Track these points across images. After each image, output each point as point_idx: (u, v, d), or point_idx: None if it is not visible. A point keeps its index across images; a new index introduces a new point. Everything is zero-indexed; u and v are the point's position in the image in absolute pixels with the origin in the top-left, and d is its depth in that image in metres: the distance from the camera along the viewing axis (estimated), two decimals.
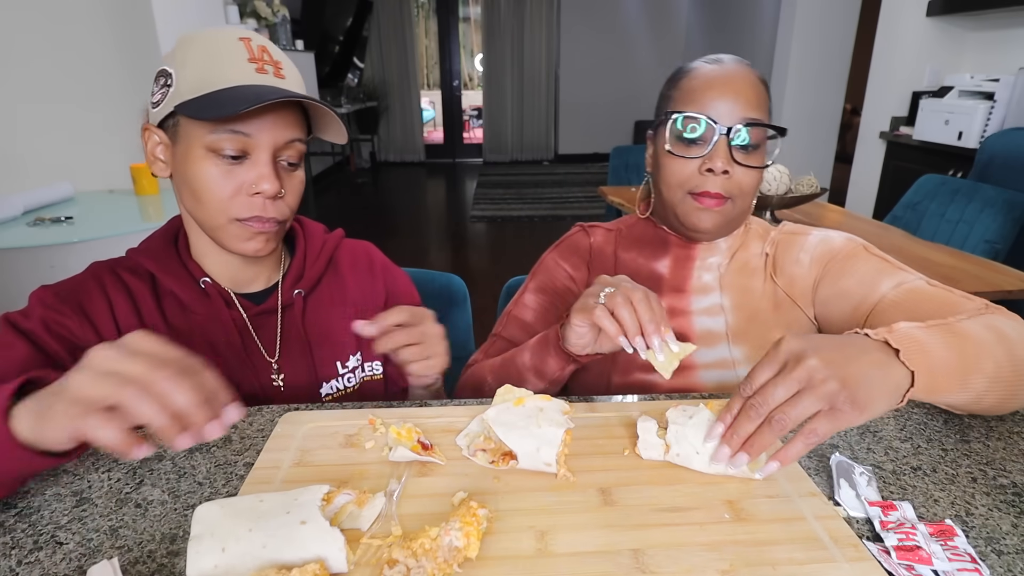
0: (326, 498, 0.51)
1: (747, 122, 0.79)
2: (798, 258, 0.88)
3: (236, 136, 0.68)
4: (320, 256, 0.87)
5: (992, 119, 2.82)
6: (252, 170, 0.70)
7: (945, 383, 0.58)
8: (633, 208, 1.10)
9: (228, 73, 0.68)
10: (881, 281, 0.79)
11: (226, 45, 0.69)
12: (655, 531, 0.52)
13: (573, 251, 0.98)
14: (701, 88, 0.81)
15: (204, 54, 0.69)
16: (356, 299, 0.90)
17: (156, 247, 0.79)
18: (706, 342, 0.87)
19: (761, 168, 0.82)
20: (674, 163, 0.82)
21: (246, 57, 0.69)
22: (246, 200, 0.71)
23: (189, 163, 0.70)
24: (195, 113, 0.67)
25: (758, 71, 0.84)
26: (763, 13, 5.52)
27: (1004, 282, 1.54)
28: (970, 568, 0.47)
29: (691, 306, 0.89)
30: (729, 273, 0.89)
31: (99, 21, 2.27)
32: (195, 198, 0.72)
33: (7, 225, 1.81)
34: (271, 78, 0.70)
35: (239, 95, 0.66)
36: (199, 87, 0.68)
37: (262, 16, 3.92)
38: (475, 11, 8.09)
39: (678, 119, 0.81)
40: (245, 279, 0.82)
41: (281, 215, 0.74)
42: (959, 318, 0.65)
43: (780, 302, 0.88)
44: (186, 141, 0.70)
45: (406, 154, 8.08)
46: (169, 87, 0.70)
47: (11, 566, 0.49)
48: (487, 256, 4.46)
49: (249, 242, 0.74)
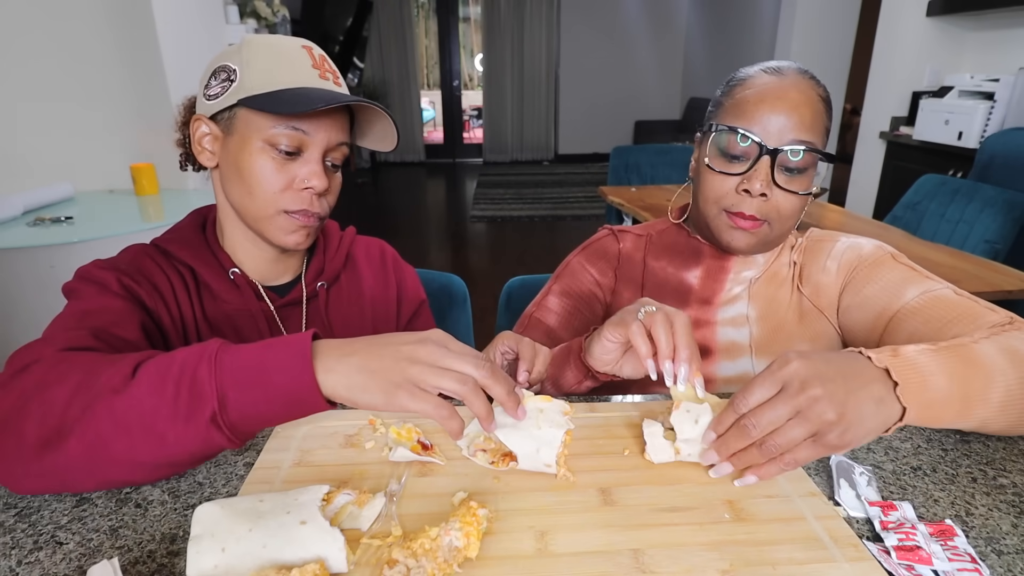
0: (326, 498, 0.51)
1: (795, 143, 0.74)
2: (825, 266, 0.85)
3: (295, 133, 0.72)
4: (339, 251, 0.91)
5: (992, 119, 2.82)
6: (304, 166, 0.74)
7: (941, 414, 0.56)
8: (633, 208, 1.09)
9: (294, 75, 0.73)
10: (906, 289, 0.76)
11: (292, 50, 0.74)
12: (655, 531, 0.52)
13: (601, 255, 0.96)
14: (753, 100, 0.76)
15: (271, 55, 0.73)
16: (371, 293, 0.93)
17: (186, 235, 0.81)
18: (729, 355, 0.85)
19: (804, 195, 0.77)
20: (713, 178, 0.79)
21: (310, 63, 0.74)
22: (296, 194, 0.75)
23: (245, 155, 0.73)
24: (265, 107, 0.70)
25: (822, 86, 0.78)
26: (763, 13, 5.52)
27: (1004, 282, 1.54)
28: (970, 568, 0.47)
29: (716, 316, 0.87)
30: (758, 283, 0.87)
31: (99, 20, 2.27)
32: (247, 188, 0.74)
33: (7, 225, 1.81)
34: (331, 84, 0.76)
35: (307, 95, 0.71)
36: (266, 84, 0.72)
37: (262, 16, 3.91)
38: (475, 11, 8.09)
39: (722, 132, 0.77)
40: (273, 272, 0.85)
41: (324, 211, 0.78)
42: (976, 338, 0.62)
43: (806, 312, 0.85)
44: (242, 133, 0.73)
45: (406, 154, 8.08)
46: (232, 82, 0.73)
47: (11, 566, 0.49)
48: (487, 256, 4.46)
49: (292, 234, 0.77)
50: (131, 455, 0.52)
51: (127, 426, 0.51)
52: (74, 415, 0.52)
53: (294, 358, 0.52)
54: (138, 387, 0.51)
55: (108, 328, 0.66)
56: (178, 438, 0.52)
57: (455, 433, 0.54)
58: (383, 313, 0.94)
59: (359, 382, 0.52)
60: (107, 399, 0.51)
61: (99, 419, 0.51)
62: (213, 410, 0.51)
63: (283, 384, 0.52)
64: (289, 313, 0.85)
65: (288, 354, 0.52)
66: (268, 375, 0.52)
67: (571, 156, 8.07)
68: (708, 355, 0.87)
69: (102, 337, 0.64)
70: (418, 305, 0.99)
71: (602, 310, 0.95)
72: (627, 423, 0.68)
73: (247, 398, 0.52)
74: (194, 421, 0.51)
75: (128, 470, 0.54)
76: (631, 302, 0.92)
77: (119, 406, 0.51)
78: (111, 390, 0.52)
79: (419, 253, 4.42)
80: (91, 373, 0.53)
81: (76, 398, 0.52)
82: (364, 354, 0.53)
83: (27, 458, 0.52)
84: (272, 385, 0.52)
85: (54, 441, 0.52)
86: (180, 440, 0.52)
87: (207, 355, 0.52)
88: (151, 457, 0.53)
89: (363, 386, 0.52)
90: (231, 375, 0.52)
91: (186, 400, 0.51)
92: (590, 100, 7.88)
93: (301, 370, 0.52)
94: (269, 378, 0.52)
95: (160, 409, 0.51)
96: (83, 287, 0.71)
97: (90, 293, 0.70)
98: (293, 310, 0.85)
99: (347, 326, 0.89)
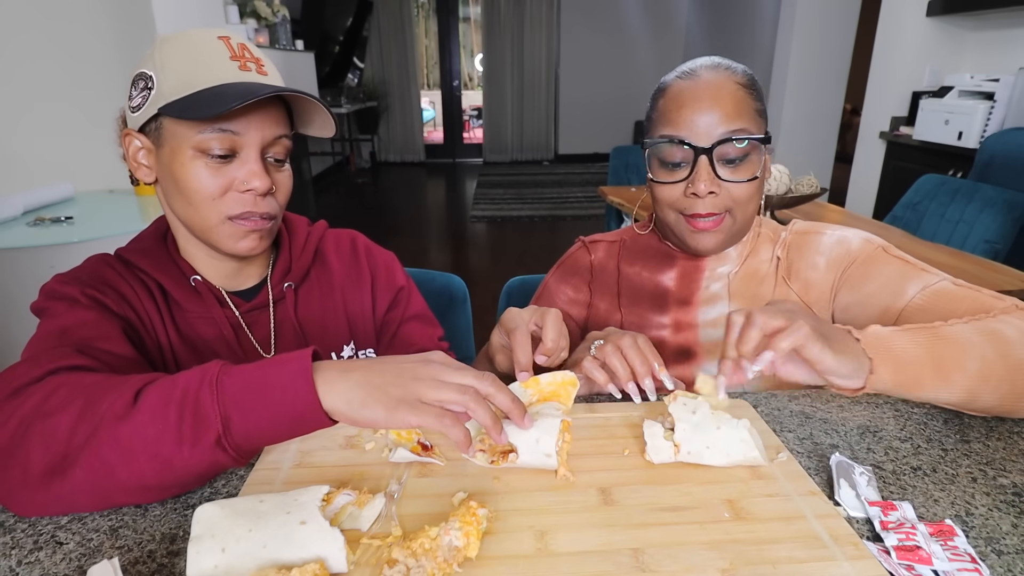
0: (326, 499, 0.51)
1: (726, 136, 0.75)
2: (814, 262, 0.85)
3: (224, 135, 0.68)
4: (306, 248, 0.86)
5: (992, 119, 2.82)
6: (241, 168, 0.70)
7: (917, 375, 0.61)
8: (634, 208, 1.09)
9: (212, 72, 0.67)
10: (906, 286, 0.77)
11: (206, 44, 0.68)
12: (655, 530, 0.52)
13: (574, 272, 0.97)
14: (675, 107, 0.77)
15: (185, 54, 0.68)
16: (343, 287, 0.89)
17: (147, 245, 0.78)
18: (713, 356, 0.86)
19: (752, 180, 0.78)
20: (661, 188, 0.80)
21: (228, 55, 0.69)
22: (237, 197, 0.71)
23: (177, 165, 0.69)
24: (182, 113, 0.65)
25: (739, 71, 0.79)
26: (763, 13, 5.52)
27: (1004, 282, 1.54)
28: (970, 568, 0.47)
29: (698, 318, 0.87)
30: (738, 280, 0.87)
31: (99, 20, 2.27)
32: (186, 200, 0.71)
33: (7, 225, 1.81)
34: (254, 75, 0.70)
35: (226, 93, 0.65)
36: (183, 87, 0.66)
37: (262, 16, 3.91)
38: (475, 11, 8.09)
39: (657, 145, 0.78)
40: (237, 278, 0.81)
41: (272, 211, 0.74)
42: (953, 322, 0.66)
43: None
44: (172, 143, 0.69)
45: (406, 154, 8.08)
46: (150, 90, 0.68)
47: (11, 566, 0.49)
48: (487, 256, 4.46)
49: (242, 241, 0.73)
50: (138, 480, 0.52)
51: (132, 453, 0.51)
52: (78, 443, 0.51)
53: (295, 377, 0.52)
54: (141, 414, 0.51)
55: (91, 343, 0.64)
56: (184, 462, 0.52)
57: (462, 443, 0.54)
58: (357, 306, 0.90)
59: (360, 396, 0.52)
60: (111, 426, 0.51)
61: (104, 447, 0.51)
62: (218, 433, 0.51)
63: (285, 403, 0.52)
64: (256, 318, 0.82)
65: (289, 373, 0.52)
66: (270, 395, 0.52)
67: (571, 156, 8.07)
68: (693, 357, 0.87)
69: (88, 352, 0.63)
70: (395, 292, 0.93)
71: (576, 327, 0.96)
72: (627, 423, 0.68)
73: (251, 419, 0.52)
74: (199, 445, 0.51)
75: (135, 494, 0.54)
76: (607, 313, 0.94)
77: (123, 433, 0.51)
78: (114, 417, 0.51)
79: (419, 253, 4.42)
80: (92, 399, 0.53)
81: (80, 425, 0.52)
82: (365, 370, 0.54)
83: (33, 487, 0.52)
84: (274, 405, 0.52)
85: (60, 470, 0.52)
86: (186, 464, 0.52)
87: (208, 379, 0.52)
88: (157, 481, 0.53)
89: (364, 401, 0.52)
90: (233, 397, 0.52)
91: (190, 425, 0.51)
92: (590, 100, 7.88)
93: (303, 389, 0.52)
94: (271, 398, 0.52)
95: (165, 435, 0.51)
96: (52, 304, 0.69)
97: (61, 309, 0.68)
98: (261, 314, 0.82)
99: (319, 325, 0.86)
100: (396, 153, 8.07)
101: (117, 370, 0.63)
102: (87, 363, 0.61)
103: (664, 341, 0.88)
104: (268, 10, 4.00)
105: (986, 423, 0.70)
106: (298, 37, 4.67)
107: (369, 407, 0.52)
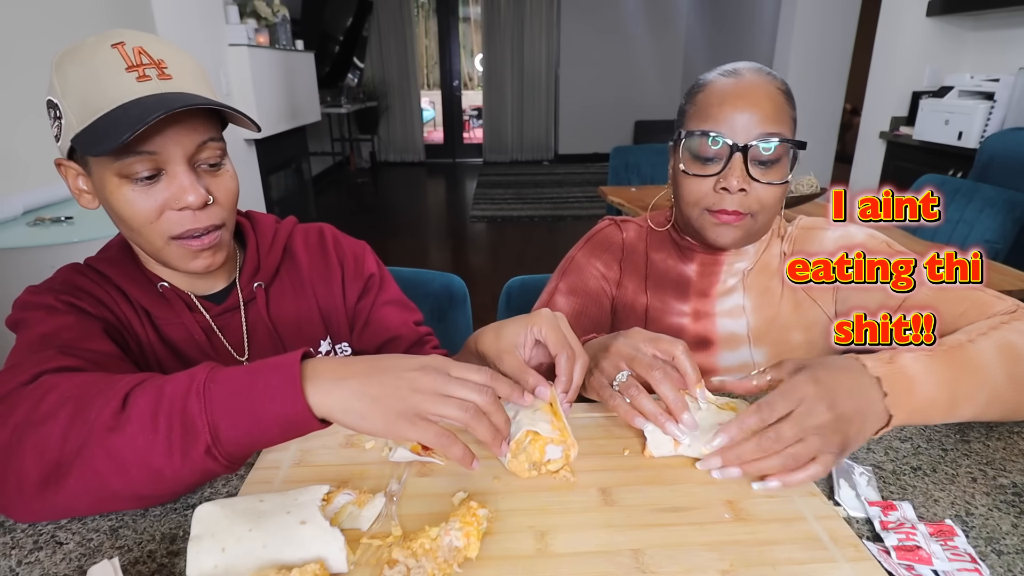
0: (326, 498, 0.51)
1: (763, 137, 0.76)
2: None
3: (143, 157, 0.63)
4: (274, 246, 0.84)
5: (992, 119, 2.82)
6: (171, 185, 0.65)
7: (930, 416, 0.60)
8: (634, 209, 1.09)
9: (108, 91, 0.62)
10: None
11: (101, 58, 0.62)
12: (655, 531, 0.52)
13: (604, 247, 0.96)
14: (716, 103, 0.78)
15: (81, 74, 0.63)
16: (313, 281, 0.87)
17: (113, 255, 0.76)
18: (729, 345, 0.88)
19: (781, 184, 0.79)
20: (690, 182, 0.81)
21: (123, 67, 0.62)
22: (175, 216, 0.67)
23: (107, 193, 0.66)
24: (88, 149, 0.62)
25: (779, 79, 0.81)
26: (763, 13, 5.52)
27: (1004, 282, 1.54)
28: (970, 568, 0.47)
29: (715, 308, 0.89)
30: (751, 274, 0.89)
31: (99, 21, 2.27)
32: (127, 226, 0.68)
33: (7, 225, 1.81)
34: (155, 83, 0.63)
35: (119, 121, 0.60)
36: (86, 115, 0.62)
37: (262, 16, 3.91)
38: (475, 11, 8.08)
39: (692, 137, 0.79)
40: (204, 283, 0.79)
41: (218, 220, 0.70)
42: (974, 335, 0.64)
43: (800, 302, 0.88)
44: (98, 172, 0.65)
45: (406, 154, 8.07)
46: (60, 119, 0.64)
47: (11, 566, 0.49)
48: (487, 256, 4.46)
49: (195, 261, 0.70)
50: (131, 490, 0.52)
51: (123, 464, 0.51)
52: (70, 452, 0.51)
53: (283, 383, 0.51)
54: (130, 424, 0.51)
55: (74, 343, 0.63)
56: (175, 472, 0.51)
57: (463, 460, 0.53)
58: (329, 300, 0.88)
59: (358, 409, 0.51)
60: (101, 437, 0.51)
61: (95, 458, 0.51)
62: (207, 443, 0.51)
63: (274, 410, 0.51)
64: (228, 321, 0.80)
65: (277, 379, 0.51)
66: (258, 402, 0.51)
67: (571, 156, 8.06)
68: (710, 346, 0.90)
69: (72, 353, 0.62)
70: (365, 280, 0.90)
71: (609, 304, 0.95)
72: (627, 423, 0.68)
73: (240, 427, 0.51)
74: (190, 456, 0.51)
75: (130, 502, 0.55)
76: (633, 295, 0.93)
77: (114, 445, 0.51)
78: (104, 427, 0.51)
79: (419, 253, 4.42)
80: (82, 403, 0.52)
81: (71, 433, 0.51)
82: (363, 379, 0.52)
83: (29, 496, 0.52)
84: (263, 412, 0.51)
85: (54, 479, 0.52)
86: (177, 474, 0.52)
87: (196, 387, 0.52)
88: (150, 491, 0.53)
89: (362, 413, 0.51)
90: (221, 406, 0.51)
91: (179, 435, 0.51)
92: (590, 100, 7.87)
93: (291, 395, 0.51)
94: (260, 405, 0.51)
95: (154, 446, 0.51)
96: (29, 315, 0.67)
97: (39, 318, 0.66)
98: (232, 317, 0.80)
99: (293, 323, 0.85)
100: (396, 153, 8.07)
101: (104, 367, 0.63)
102: (73, 363, 0.60)
103: (684, 328, 0.90)
104: (268, 10, 4.00)
105: (986, 423, 0.70)
106: (298, 37, 4.67)
107: (367, 420, 0.51)
